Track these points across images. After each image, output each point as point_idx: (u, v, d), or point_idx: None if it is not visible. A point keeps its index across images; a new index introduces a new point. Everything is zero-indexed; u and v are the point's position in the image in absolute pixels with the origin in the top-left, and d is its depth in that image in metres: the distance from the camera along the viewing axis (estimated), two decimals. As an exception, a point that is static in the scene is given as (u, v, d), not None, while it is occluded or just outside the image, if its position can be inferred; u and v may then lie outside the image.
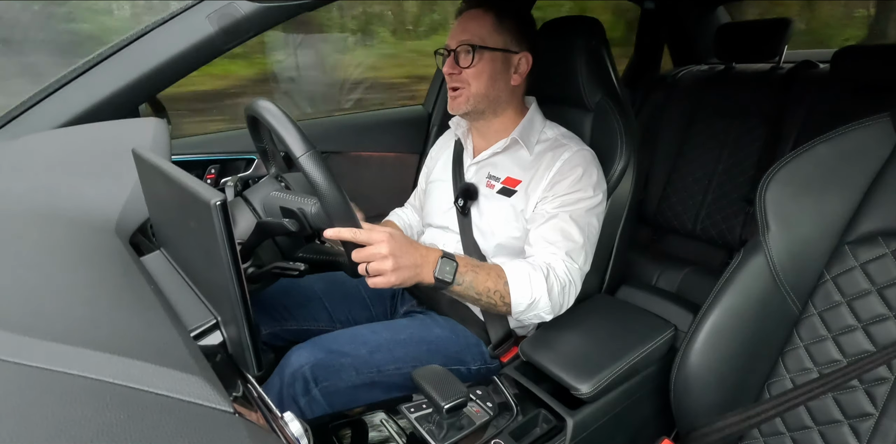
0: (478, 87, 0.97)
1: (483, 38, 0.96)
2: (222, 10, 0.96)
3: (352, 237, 0.73)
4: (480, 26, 0.96)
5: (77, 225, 0.71)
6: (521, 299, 0.86)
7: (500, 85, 0.99)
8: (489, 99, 1.00)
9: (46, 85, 0.94)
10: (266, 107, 0.72)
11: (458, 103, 1.00)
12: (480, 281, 0.85)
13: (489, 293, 0.85)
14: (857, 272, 0.79)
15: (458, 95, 0.99)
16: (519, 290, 0.86)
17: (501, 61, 0.98)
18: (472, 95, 0.98)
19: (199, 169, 1.32)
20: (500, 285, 0.86)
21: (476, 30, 0.96)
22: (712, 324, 0.83)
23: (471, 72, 0.96)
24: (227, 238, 0.44)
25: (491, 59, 0.96)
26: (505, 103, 1.02)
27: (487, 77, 0.97)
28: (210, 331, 0.58)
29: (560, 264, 0.89)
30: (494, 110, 1.02)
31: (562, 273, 0.89)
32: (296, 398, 0.84)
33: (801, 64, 1.65)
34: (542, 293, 0.86)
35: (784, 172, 0.83)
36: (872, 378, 0.76)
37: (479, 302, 0.87)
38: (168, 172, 0.54)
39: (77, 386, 0.36)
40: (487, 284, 0.85)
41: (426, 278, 0.81)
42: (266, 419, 0.45)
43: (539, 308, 0.87)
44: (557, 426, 0.83)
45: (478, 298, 0.86)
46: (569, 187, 0.94)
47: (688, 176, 1.79)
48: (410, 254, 0.78)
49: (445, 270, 0.81)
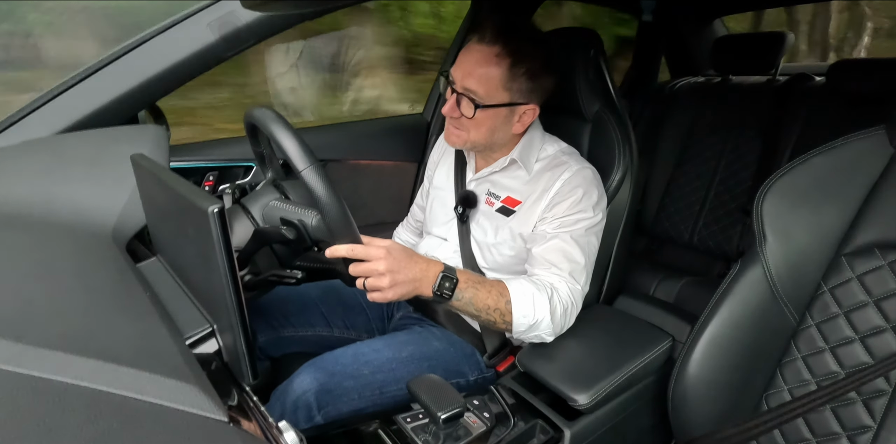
0: (477, 136, 0.94)
1: (489, 93, 0.88)
2: (223, 18, 0.96)
3: (349, 254, 0.73)
4: (489, 78, 0.87)
5: (74, 231, 0.71)
6: (522, 320, 0.84)
7: (500, 134, 0.96)
8: (487, 146, 0.98)
9: (46, 91, 0.95)
10: (267, 116, 0.72)
11: (453, 142, 0.96)
12: (481, 298, 0.82)
13: (489, 311, 0.83)
14: (854, 284, 0.79)
15: (457, 133, 0.95)
16: (521, 310, 0.84)
17: (505, 114, 0.92)
18: (472, 141, 0.95)
19: (197, 176, 1.32)
20: (502, 304, 0.83)
21: (483, 81, 0.87)
22: (710, 335, 0.82)
23: (471, 122, 0.91)
24: (224, 246, 0.44)
25: (494, 114, 0.91)
26: (504, 144, 1.00)
27: (486, 129, 0.93)
28: (206, 339, 0.57)
29: (563, 285, 0.88)
30: (492, 148, 1.00)
31: (565, 295, 0.87)
32: (297, 425, 0.82)
33: (797, 76, 1.66)
34: (545, 315, 0.84)
35: (780, 183, 0.83)
36: (870, 391, 0.76)
37: (478, 318, 0.85)
38: (166, 179, 0.54)
39: (70, 394, 0.35)
40: (488, 302, 0.83)
41: (425, 292, 0.79)
42: (261, 429, 0.44)
43: (541, 329, 0.85)
44: (555, 436, 0.82)
45: (476, 314, 0.84)
46: (568, 209, 0.92)
47: (685, 187, 1.80)
48: (409, 269, 0.77)
49: (445, 286, 0.79)
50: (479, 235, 1.02)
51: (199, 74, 1.01)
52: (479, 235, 1.02)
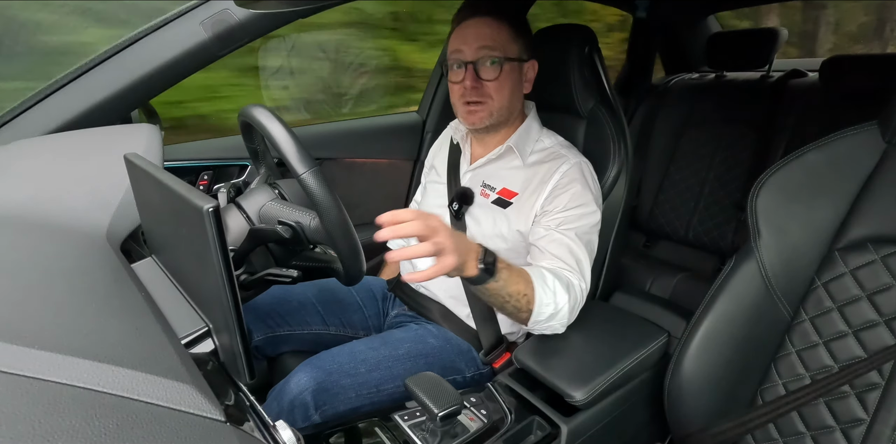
0: (501, 100, 0.94)
1: (505, 48, 0.92)
2: (216, 17, 0.96)
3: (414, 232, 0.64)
4: (500, 34, 0.92)
5: (67, 231, 0.70)
6: (545, 309, 0.80)
7: (517, 95, 0.97)
8: (509, 111, 0.98)
9: (38, 90, 0.94)
10: (263, 115, 0.71)
11: (480, 118, 0.95)
12: (514, 280, 0.77)
13: (518, 296, 0.78)
14: (848, 278, 0.79)
15: (479, 109, 0.95)
16: (545, 297, 0.80)
17: (518, 71, 0.96)
18: (496, 109, 0.95)
19: (191, 175, 1.32)
20: (530, 289, 0.79)
21: (496, 39, 0.92)
22: (705, 330, 0.83)
23: (494, 85, 0.92)
24: (219, 245, 0.44)
25: (511, 70, 0.94)
26: (518, 112, 1.01)
27: (509, 90, 0.94)
28: (201, 339, 0.57)
29: (575, 279, 0.87)
30: (507, 121, 1.00)
31: (577, 289, 0.86)
32: (295, 424, 0.82)
33: (790, 73, 1.67)
34: (565, 303, 0.82)
35: (774, 179, 0.83)
36: (864, 384, 0.76)
37: (507, 305, 0.79)
38: (160, 178, 0.53)
39: (65, 395, 0.35)
40: (519, 286, 0.78)
41: (470, 266, 0.72)
42: (258, 428, 0.44)
43: (557, 319, 0.83)
44: (552, 433, 0.82)
45: (507, 299, 0.78)
46: (569, 202, 0.92)
47: (680, 183, 1.80)
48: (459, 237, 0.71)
49: (488, 261, 0.73)
50: (473, 227, 1.02)
51: (193, 72, 1.01)
52: (473, 227, 1.02)
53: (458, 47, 0.94)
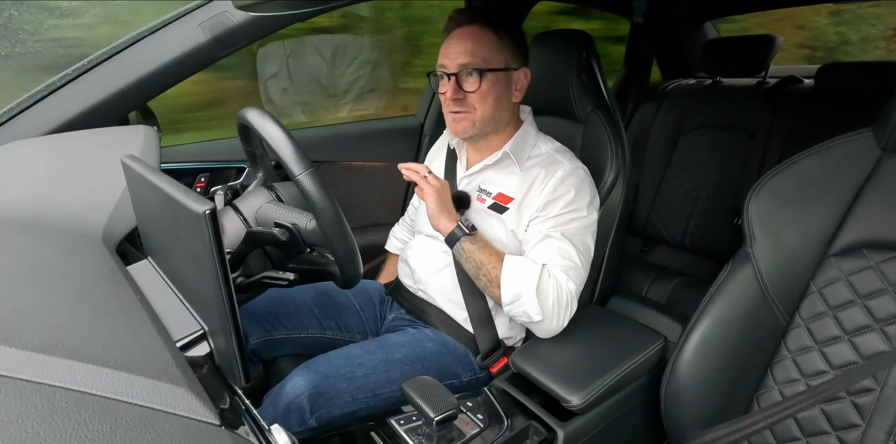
0: (483, 110, 0.95)
1: (486, 59, 0.92)
2: (215, 19, 0.96)
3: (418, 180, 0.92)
4: (481, 46, 0.92)
5: (63, 233, 0.70)
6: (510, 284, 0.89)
7: (504, 104, 0.97)
8: (494, 121, 0.98)
9: (35, 91, 0.94)
10: (261, 117, 0.71)
11: (463, 127, 0.97)
12: (488, 251, 0.92)
13: (489, 268, 0.90)
14: (842, 284, 0.80)
15: (462, 118, 0.96)
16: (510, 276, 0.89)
17: (504, 81, 0.95)
18: (479, 118, 0.96)
19: (188, 177, 1.31)
20: (500, 265, 0.91)
21: (478, 50, 0.92)
22: (701, 335, 0.83)
23: (476, 96, 0.93)
24: (215, 247, 0.44)
25: (495, 81, 0.93)
26: (506, 121, 1.01)
27: (493, 100, 0.94)
28: (197, 342, 0.57)
29: (560, 274, 0.89)
30: (496, 130, 1.00)
31: (562, 282, 0.88)
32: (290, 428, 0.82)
33: (786, 79, 1.68)
34: (531, 286, 0.87)
35: (770, 184, 0.84)
36: (858, 389, 0.76)
37: (479, 273, 0.92)
38: (157, 180, 0.53)
39: (60, 398, 0.35)
40: (492, 257, 0.91)
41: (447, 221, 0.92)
42: (253, 432, 0.44)
43: (525, 305, 0.88)
44: (548, 437, 0.82)
45: (479, 266, 0.91)
46: (563, 208, 0.93)
47: (677, 188, 1.81)
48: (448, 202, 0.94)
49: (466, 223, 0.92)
50: None
51: (191, 74, 1.01)
52: None
53: (442, 61, 0.94)
